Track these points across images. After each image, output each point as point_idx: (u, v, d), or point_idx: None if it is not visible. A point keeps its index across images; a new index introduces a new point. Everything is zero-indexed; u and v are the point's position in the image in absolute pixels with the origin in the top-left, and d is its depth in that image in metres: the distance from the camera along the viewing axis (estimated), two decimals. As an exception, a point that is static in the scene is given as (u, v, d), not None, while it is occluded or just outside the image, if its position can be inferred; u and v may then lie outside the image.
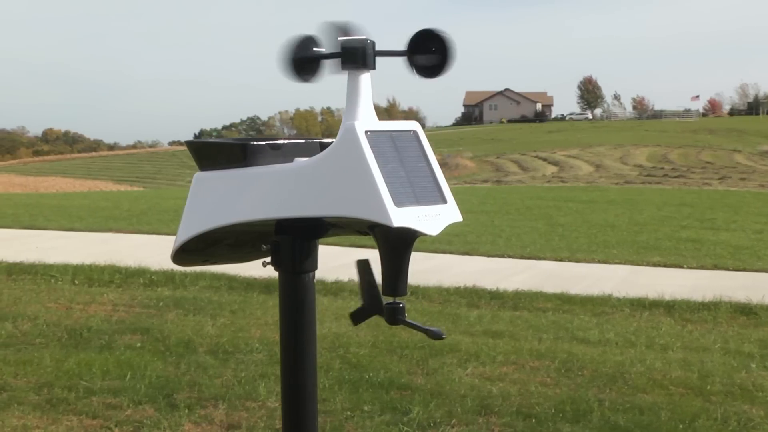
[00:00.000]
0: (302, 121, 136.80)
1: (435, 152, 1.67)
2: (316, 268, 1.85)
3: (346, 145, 1.59)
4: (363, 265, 1.78)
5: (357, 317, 1.82)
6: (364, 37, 1.68)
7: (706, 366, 5.48)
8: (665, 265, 9.90)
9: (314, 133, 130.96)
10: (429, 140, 1.69)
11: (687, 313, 7.36)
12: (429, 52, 1.67)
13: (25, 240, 11.49)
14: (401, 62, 1.70)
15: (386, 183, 1.54)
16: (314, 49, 1.71)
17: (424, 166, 1.64)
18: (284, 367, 1.84)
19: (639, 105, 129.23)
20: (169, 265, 7.83)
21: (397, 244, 1.63)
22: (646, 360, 5.61)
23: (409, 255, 1.66)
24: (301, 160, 1.70)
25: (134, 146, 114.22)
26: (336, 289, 8.02)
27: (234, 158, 1.80)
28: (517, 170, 53.15)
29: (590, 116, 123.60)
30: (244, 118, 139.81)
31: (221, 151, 1.85)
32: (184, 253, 1.94)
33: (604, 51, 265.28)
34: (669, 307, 7.52)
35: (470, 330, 6.45)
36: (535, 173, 49.50)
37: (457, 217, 1.64)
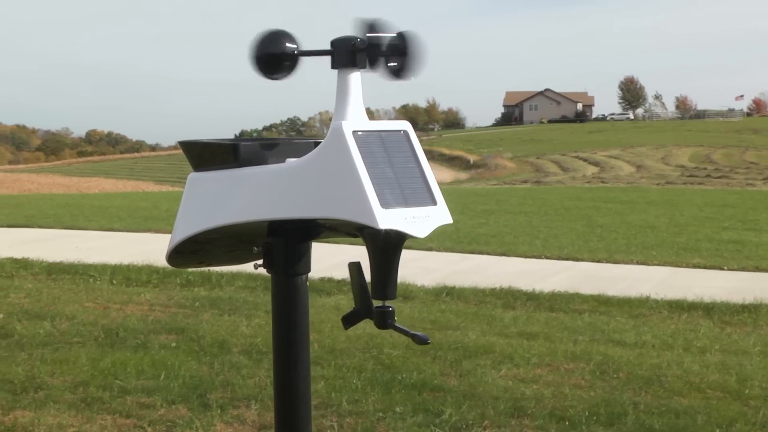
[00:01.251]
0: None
1: (475, 152, 1.63)
2: (309, 270, 1.83)
3: (333, 146, 1.56)
4: (355, 268, 1.76)
5: (349, 320, 1.80)
6: (353, 35, 1.65)
7: (745, 369, 5.40)
8: (705, 267, 9.79)
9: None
10: (468, 140, 1.65)
11: (726, 315, 7.26)
12: (398, 55, 1.64)
13: (65, 240, 11.62)
14: (442, 62, 1.67)
15: (373, 184, 1.51)
16: (288, 45, 1.67)
17: (413, 167, 1.61)
18: (277, 371, 1.83)
19: (682, 105, 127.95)
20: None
21: (386, 247, 1.60)
22: (683, 363, 5.54)
23: (399, 258, 1.63)
24: (291, 161, 1.68)
25: (176, 147, 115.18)
26: (371, 289, 8.01)
27: (225, 158, 1.78)
28: (557, 171, 52.89)
29: (632, 116, 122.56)
30: (285, 119, 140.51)
31: (213, 151, 1.83)
32: (178, 255, 1.93)
33: (646, 50, 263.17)
34: (708, 309, 7.42)
35: (505, 331, 6.41)
36: (575, 174, 49.22)
37: (447, 218, 1.61)
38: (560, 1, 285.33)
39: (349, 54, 1.64)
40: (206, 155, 1.84)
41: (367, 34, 1.64)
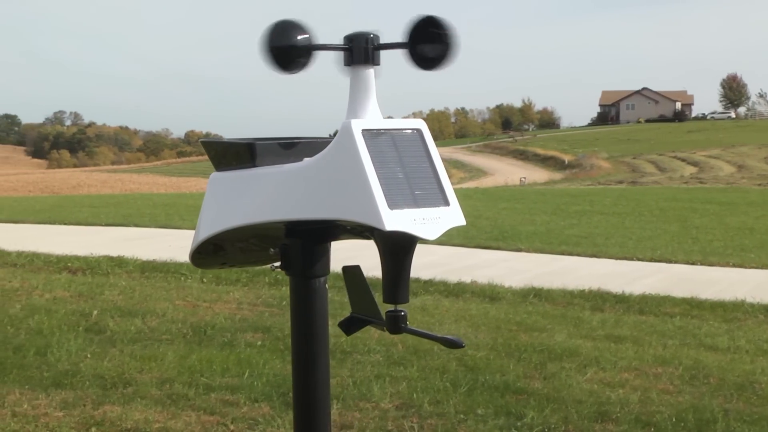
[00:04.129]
0: (435, 122, 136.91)
1: (570, 152, 1.57)
2: (327, 272, 1.79)
3: (342, 145, 1.53)
4: (351, 272, 1.72)
5: (349, 327, 1.76)
6: (366, 31, 1.62)
7: (844, 377, 5.19)
8: (806, 270, 9.46)
9: (446, 134, 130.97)
10: (563, 140, 1.59)
11: (827, 320, 7.00)
12: (431, 42, 1.59)
13: (159, 239, 11.87)
14: (537, 61, 1.61)
15: (381, 184, 1.47)
16: (300, 37, 1.63)
17: (426, 167, 1.55)
18: (295, 376, 1.80)
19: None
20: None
21: (396, 249, 1.56)
22: (779, 369, 5.36)
23: (410, 261, 1.58)
24: (307, 160, 1.66)
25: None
26: (458, 290, 7.97)
27: (243, 158, 1.76)
28: (654, 171, 51.90)
29: (733, 115, 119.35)
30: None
31: (230, 151, 1.81)
32: (200, 256, 1.92)
33: (750, 47, 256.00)
34: (807, 314, 7.17)
35: (592, 334, 6.30)
36: (673, 174, 48.21)
37: (459, 220, 1.55)
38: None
39: (363, 50, 1.61)
40: (224, 155, 1.83)
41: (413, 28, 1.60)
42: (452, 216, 1.54)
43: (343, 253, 2.65)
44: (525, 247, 10.94)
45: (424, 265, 8.93)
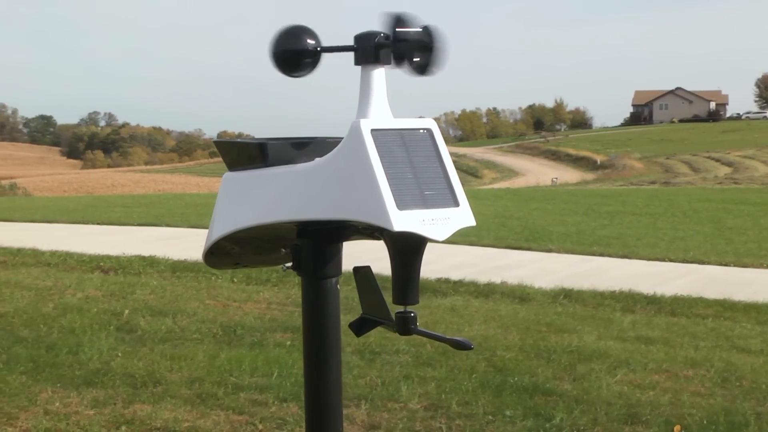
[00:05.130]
0: (467, 122, 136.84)
1: (602, 153, 1.55)
2: (339, 273, 1.78)
3: (350, 145, 1.52)
4: (362, 273, 1.71)
5: (359, 328, 1.75)
6: (375, 31, 1.61)
7: None
8: (841, 272, 9.34)
9: (478, 134, 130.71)
10: (595, 141, 1.57)
11: None
12: (422, 50, 1.60)
13: (191, 239, 11.93)
14: (570, 61, 1.61)
15: (390, 184, 1.46)
16: (309, 41, 1.64)
17: (436, 167, 1.54)
18: (307, 376, 1.80)
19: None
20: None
21: (405, 250, 1.55)
22: (812, 372, 5.29)
23: (420, 261, 1.57)
24: (318, 160, 1.65)
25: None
26: (488, 291, 7.95)
27: (255, 158, 1.76)
28: (688, 171, 51.49)
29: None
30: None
31: (242, 150, 1.81)
32: (213, 256, 1.92)
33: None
34: (843, 316, 7.08)
35: (622, 335, 6.26)
36: (707, 174, 47.81)
37: (469, 221, 1.54)
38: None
39: (372, 50, 1.61)
40: (237, 155, 1.82)
41: (396, 29, 1.60)
42: (462, 216, 1.53)
43: (372, 254, 2.65)
44: (556, 247, 10.89)
45: (453, 265, 8.93)
